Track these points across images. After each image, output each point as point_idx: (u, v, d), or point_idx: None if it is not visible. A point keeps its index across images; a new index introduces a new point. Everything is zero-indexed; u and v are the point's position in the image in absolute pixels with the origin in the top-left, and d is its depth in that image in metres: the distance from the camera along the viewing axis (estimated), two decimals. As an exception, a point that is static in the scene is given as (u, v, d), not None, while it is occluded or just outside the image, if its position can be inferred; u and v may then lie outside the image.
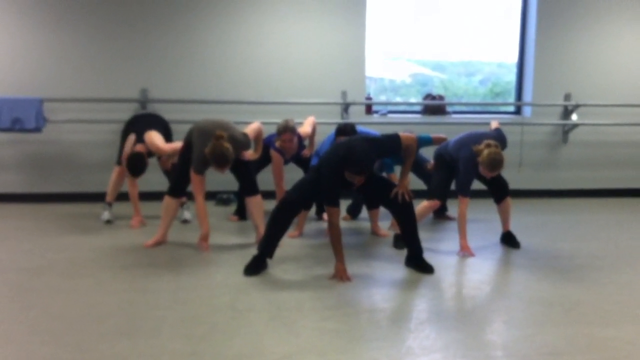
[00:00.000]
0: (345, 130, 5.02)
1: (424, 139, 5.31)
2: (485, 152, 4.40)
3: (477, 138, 4.61)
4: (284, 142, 5.27)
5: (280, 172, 5.42)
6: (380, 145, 4.07)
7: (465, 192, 4.60)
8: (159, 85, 6.61)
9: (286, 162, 5.52)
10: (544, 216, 6.17)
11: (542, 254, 4.68)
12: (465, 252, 4.60)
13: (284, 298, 3.61)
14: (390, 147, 4.11)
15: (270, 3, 6.71)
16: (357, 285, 3.85)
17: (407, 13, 7.70)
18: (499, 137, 4.68)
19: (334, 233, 3.93)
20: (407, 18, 7.75)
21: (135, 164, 5.17)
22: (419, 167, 5.69)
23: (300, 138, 5.45)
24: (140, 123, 5.53)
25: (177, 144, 5.07)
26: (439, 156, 4.97)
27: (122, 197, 5.72)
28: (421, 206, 4.77)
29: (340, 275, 3.94)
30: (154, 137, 5.29)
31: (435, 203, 4.85)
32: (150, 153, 5.40)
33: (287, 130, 5.20)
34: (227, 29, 6.69)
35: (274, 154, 5.39)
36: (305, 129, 5.52)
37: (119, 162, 5.55)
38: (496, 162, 4.39)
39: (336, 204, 3.94)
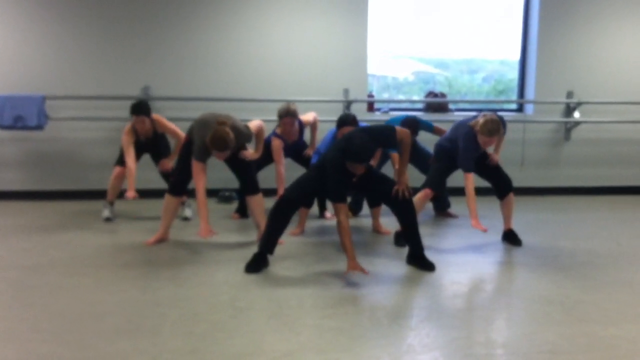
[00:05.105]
0: (347, 120, 5.01)
1: (425, 122, 5.70)
2: (482, 120, 4.52)
3: (473, 118, 4.74)
4: (285, 126, 5.32)
5: (280, 157, 5.42)
6: (377, 133, 4.06)
7: (468, 167, 4.61)
8: (161, 83, 6.61)
9: (287, 154, 5.51)
10: (545, 214, 6.16)
11: (543, 252, 4.67)
12: (477, 228, 4.51)
13: (285, 296, 3.61)
14: (386, 136, 4.08)
15: (272, 1, 6.70)
16: (358, 283, 3.84)
17: (409, 10, 7.69)
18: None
19: (343, 229, 3.86)
20: (410, 15, 7.74)
21: (139, 102, 5.45)
22: (422, 163, 5.68)
23: (302, 124, 5.49)
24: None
25: (181, 133, 5.27)
26: (439, 146, 4.96)
27: (123, 195, 5.72)
28: (415, 198, 4.71)
29: (355, 268, 3.80)
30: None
31: (428, 192, 4.84)
32: (145, 145, 5.49)
33: (288, 114, 5.33)
34: (229, 27, 6.69)
35: (273, 139, 5.41)
36: (306, 117, 5.62)
37: (118, 163, 5.55)
38: (493, 126, 4.46)
39: (342, 200, 3.91)
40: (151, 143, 5.55)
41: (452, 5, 7.73)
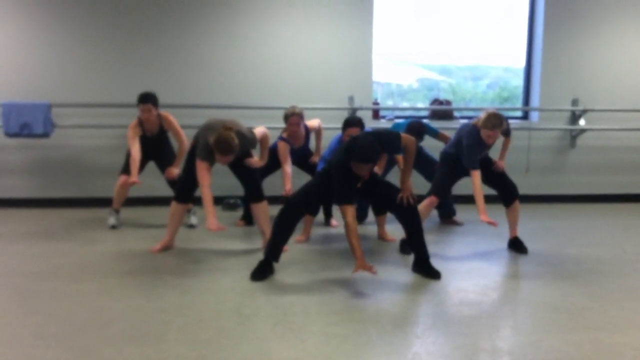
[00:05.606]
0: (352, 122, 5.04)
1: (431, 127, 5.72)
2: (484, 115, 4.61)
3: (475, 119, 4.80)
4: (292, 126, 5.36)
5: (286, 157, 5.45)
6: (382, 136, 4.06)
7: (474, 164, 4.63)
8: (166, 90, 6.61)
9: (292, 161, 5.52)
10: (551, 221, 6.15)
11: (548, 260, 4.66)
12: (486, 222, 4.46)
13: (290, 303, 3.61)
14: (391, 140, 4.09)
15: (277, 8, 6.73)
16: (363, 291, 3.84)
17: (414, 17, 7.71)
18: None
19: (350, 230, 3.82)
20: (414, 22, 7.75)
21: (146, 92, 5.46)
22: (428, 169, 5.68)
23: (307, 129, 5.51)
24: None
25: (184, 137, 5.40)
26: (444, 153, 4.98)
27: (129, 202, 5.74)
28: (421, 206, 4.73)
29: (363, 267, 3.74)
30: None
31: (433, 199, 4.86)
32: (150, 142, 5.48)
33: (294, 113, 5.41)
34: (234, 34, 6.72)
35: (279, 142, 5.44)
36: (312, 123, 5.69)
37: (124, 171, 5.55)
38: (496, 121, 4.53)
39: (349, 201, 3.90)
40: (157, 140, 5.54)
41: (457, 11, 7.74)
